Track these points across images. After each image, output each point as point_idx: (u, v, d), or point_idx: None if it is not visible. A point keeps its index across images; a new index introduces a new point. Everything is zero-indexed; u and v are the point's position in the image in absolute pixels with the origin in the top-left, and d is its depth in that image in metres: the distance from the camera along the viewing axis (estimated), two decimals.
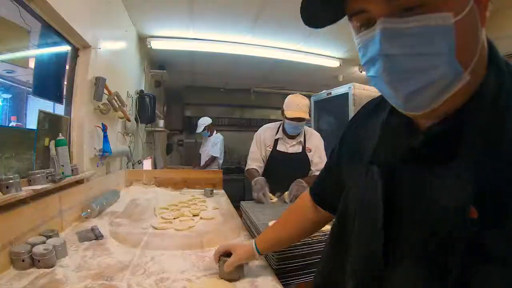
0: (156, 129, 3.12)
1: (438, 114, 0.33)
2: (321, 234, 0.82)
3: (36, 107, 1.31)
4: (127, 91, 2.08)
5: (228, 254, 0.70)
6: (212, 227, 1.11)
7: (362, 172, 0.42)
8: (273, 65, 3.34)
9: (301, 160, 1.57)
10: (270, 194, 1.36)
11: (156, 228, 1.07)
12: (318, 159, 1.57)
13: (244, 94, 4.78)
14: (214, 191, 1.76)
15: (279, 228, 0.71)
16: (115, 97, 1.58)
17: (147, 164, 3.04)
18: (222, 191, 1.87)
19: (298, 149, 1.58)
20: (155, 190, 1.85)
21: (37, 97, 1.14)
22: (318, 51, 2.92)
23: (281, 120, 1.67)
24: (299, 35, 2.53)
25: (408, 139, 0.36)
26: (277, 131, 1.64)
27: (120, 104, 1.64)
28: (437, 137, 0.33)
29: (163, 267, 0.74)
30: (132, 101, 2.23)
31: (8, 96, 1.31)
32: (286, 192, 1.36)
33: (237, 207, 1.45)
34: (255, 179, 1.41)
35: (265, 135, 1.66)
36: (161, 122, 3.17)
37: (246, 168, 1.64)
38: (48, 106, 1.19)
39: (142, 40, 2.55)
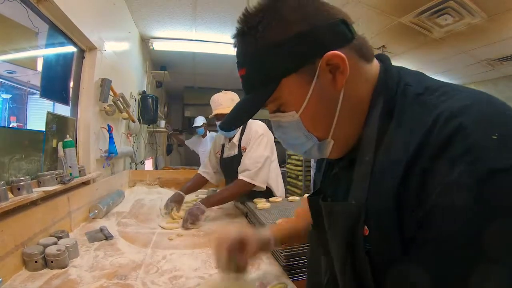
0: (157, 129, 3.12)
1: (341, 154, 0.41)
2: None
3: (36, 108, 1.33)
4: (130, 92, 2.09)
5: (234, 247, 0.68)
6: (218, 226, 1.13)
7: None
8: None
9: (237, 163, 1.33)
10: (174, 213, 1.21)
11: (164, 228, 1.08)
12: (244, 155, 1.32)
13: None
14: (217, 191, 1.77)
15: (292, 221, 0.73)
16: (121, 98, 1.59)
17: (149, 165, 3.04)
18: None
19: (234, 151, 1.40)
20: (158, 190, 1.86)
21: (44, 98, 1.15)
22: None
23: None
24: None
25: (331, 169, 0.47)
26: (222, 137, 1.51)
27: (125, 105, 1.65)
28: (340, 168, 0.43)
29: (175, 265, 0.75)
30: (135, 102, 2.24)
31: (8, 96, 1.31)
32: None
33: (239, 207, 1.46)
34: (176, 191, 1.34)
35: (216, 142, 1.58)
36: (162, 123, 3.18)
37: None
38: (48, 106, 1.20)
39: (144, 41, 2.56)
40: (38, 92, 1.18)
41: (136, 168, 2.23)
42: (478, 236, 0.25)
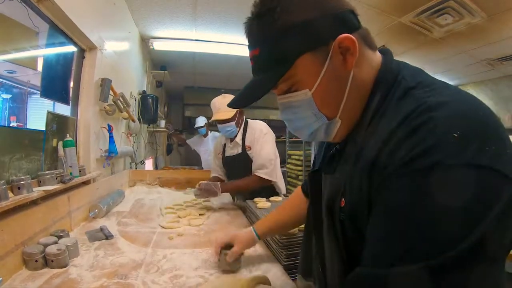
0: (157, 129, 3.12)
1: (345, 137, 0.44)
2: None
3: (36, 108, 1.33)
4: (130, 92, 2.09)
5: (227, 247, 0.73)
6: (219, 226, 1.13)
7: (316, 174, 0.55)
8: None
9: (243, 161, 1.45)
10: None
11: (164, 228, 1.08)
12: (255, 154, 1.43)
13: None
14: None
15: (277, 212, 0.79)
16: (121, 98, 1.59)
17: (149, 164, 3.04)
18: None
19: (238, 150, 1.49)
20: (158, 190, 1.86)
21: (45, 98, 1.15)
22: None
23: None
24: None
25: (330, 149, 0.50)
26: (223, 137, 1.60)
27: (125, 105, 1.65)
28: (338, 151, 0.46)
29: (175, 264, 0.75)
30: (135, 102, 2.24)
31: (9, 96, 1.31)
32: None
33: (240, 206, 1.47)
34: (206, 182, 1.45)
35: (217, 143, 1.67)
36: (162, 123, 3.18)
37: None
38: (48, 106, 1.20)
39: (145, 41, 2.56)
40: (38, 92, 1.18)
41: (136, 168, 2.24)
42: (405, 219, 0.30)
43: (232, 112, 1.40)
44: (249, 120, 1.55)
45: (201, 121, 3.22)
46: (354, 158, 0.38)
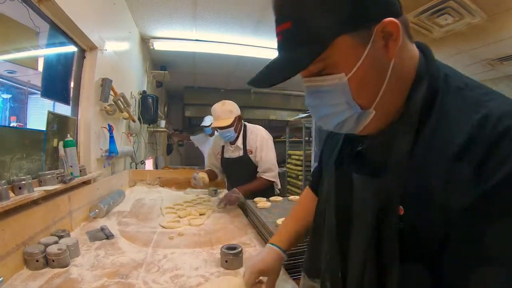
0: (158, 129, 3.13)
1: (378, 129, 0.40)
2: None
3: (36, 108, 1.33)
4: (131, 92, 2.09)
5: (230, 248, 0.75)
6: (219, 226, 1.13)
7: (329, 172, 0.50)
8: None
9: (245, 163, 1.57)
10: (203, 177, 1.51)
11: (164, 227, 1.08)
12: (259, 158, 1.55)
13: (244, 95, 4.78)
14: (218, 190, 1.77)
15: (295, 222, 0.72)
16: (121, 98, 1.59)
17: (149, 164, 3.04)
18: (226, 191, 1.88)
19: (239, 153, 1.59)
20: (159, 190, 1.86)
21: (45, 98, 1.15)
22: None
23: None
24: None
25: (356, 146, 0.45)
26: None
27: (125, 105, 1.65)
28: (371, 148, 0.42)
29: (176, 264, 0.75)
30: (135, 102, 2.24)
31: (9, 96, 1.32)
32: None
33: (240, 206, 1.47)
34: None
35: (215, 143, 1.75)
36: (162, 123, 3.18)
37: None
38: (48, 106, 1.20)
39: (145, 41, 2.56)
40: (38, 92, 1.18)
41: (136, 168, 2.24)
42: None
43: (230, 119, 1.49)
44: (247, 124, 1.65)
45: (208, 120, 3.18)
46: (411, 160, 0.34)
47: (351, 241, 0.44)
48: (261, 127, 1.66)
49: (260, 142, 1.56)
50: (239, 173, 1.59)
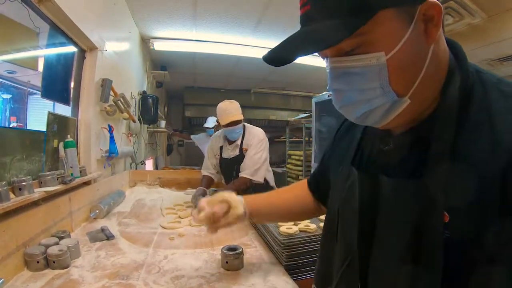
0: (158, 129, 3.12)
1: (405, 124, 0.36)
2: None
3: (36, 108, 1.32)
4: (131, 92, 2.09)
5: (231, 248, 0.75)
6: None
7: (344, 173, 0.45)
8: (273, 66, 3.36)
9: (239, 162, 1.58)
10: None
11: (165, 228, 1.08)
12: (248, 156, 1.55)
13: (244, 95, 4.79)
14: (218, 191, 1.77)
15: (277, 195, 0.69)
16: (121, 99, 1.59)
17: (149, 165, 3.04)
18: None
19: (236, 152, 1.61)
20: (159, 190, 1.86)
21: (45, 99, 1.15)
22: None
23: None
24: None
25: (380, 144, 0.40)
26: (221, 139, 1.71)
27: (125, 106, 1.65)
28: (401, 146, 0.37)
29: (177, 265, 0.75)
30: (135, 102, 2.24)
31: (9, 96, 1.31)
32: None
33: None
34: (198, 187, 1.55)
35: (213, 144, 1.75)
36: (162, 123, 3.18)
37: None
38: (48, 106, 1.20)
39: (145, 41, 2.56)
40: (38, 92, 1.18)
41: (136, 168, 2.24)
42: None
43: (241, 114, 1.55)
44: (246, 125, 1.67)
45: (211, 122, 3.17)
46: (453, 162, 0.30)
47: (374, 250, 0.38)
48: (259, 128, 1.69)
49: (255, 142, 1.59)
50: (235, 173, 1.60)
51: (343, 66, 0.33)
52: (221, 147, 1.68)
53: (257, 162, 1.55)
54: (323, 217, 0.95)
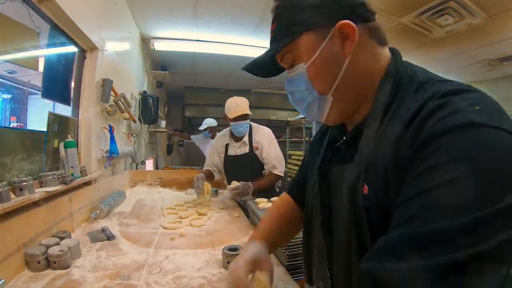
0: (158, 129, 3.12)
1: (345, 120, 0.47)
2: None
3: (36, 108, 1.32)
4: (131, 92, 2.09)
5: (232, 248, 0.74)
6: (221, 226, 1.13)
7: (311, 177, 0.55)
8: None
9: (250, 160, 1.59)
10: (206, 188, 1.48)
11: (166, 228, 1.08)
12: (266, 154, 1.59)
13: (244, 95, 4.77)
14: (219, 191, 1.77)
15: (275, 221, 0.67)
16: (122, 99, 1.59)
17: (149, 165, 3.04)
18: (226, 191, 1.88)
19: (245, 150, 1.61)
20: (159, 190, 1.86)
21: (46, 99, 1.15)
22: None
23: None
24: None
25: (336, 144, 0.50)
26: (226, 137, 1.71)
27: (126, 106, 1.64)
28: (349, 138, 0.47)
29: (178, 265, 0.75)
30: (135, 102, 2.24)
31: (9, 96, 1.31)
32: (233, 185, 1.44)
33: (241, 206, 1.47)
34: (199, 174, 1.59)
35: (218, 143, 1.75)
36: (163, 123, 3.17)
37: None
38: (48, 106, 1.20)
39: (145, 41, 2.56)
40: (38, 92, 1.18)
41: (137, 168, 2.23)
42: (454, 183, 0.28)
43: (249, 110, 1.58)
44: (252, 123, 1.68)
45: (205, 123, 3.16)
46: (373, 145, 0.39)
47: (334, 235, 0.46)
48: (265, 127, 1.72)
49: (268, 139, 1.61)
50: (242, 170, 1.59)
51: (288, 76, 0.46)
52: (227, 145, 1.67)
53: (279, 159, 1.60)
54: None
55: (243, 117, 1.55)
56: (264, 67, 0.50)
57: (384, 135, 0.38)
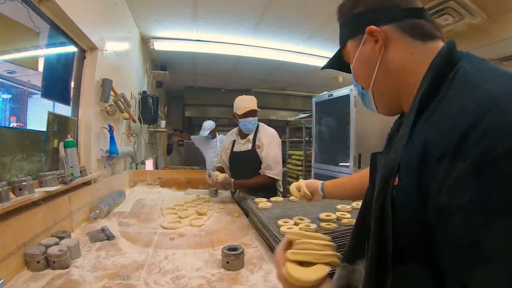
0: (158, 129, 3.12)
1: (393, 112, 0.51)
2: (328, 232, 0.84)
3: (36, 108, 1.32)
4: (131, 92, 2.09)
5: (231, 248, 0.75)
6: (220, 226, 1.13)
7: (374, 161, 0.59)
8: (273, 66, 3.36)
9: (250, 157, 1.62)
10: (216, 173, 1.55)
11: (165, 228, 1.08)
12: (265, 154, 1.59)
13: (244, 95, 4.79)
14: (219, 190, 1.77)
15: (346, 179, 0.90)
16: (121, 99, 1.59)
17: (149, 165, 3.04)
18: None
19: (248, 147, 1.65)
20: (159, 190, 1.86)
21: (46, 98, 1.15)
22: (318, 52, 2.95)
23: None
24: (299, 37, 2.55)
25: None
26: (234, 134, 1.76)
27: (125, 105, 1.64)
28: (396, 129, 0.52)
29: (177, 265, 0.75)
30: (135, 102, 2.24)
31: (9, 96, 1.31)
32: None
33: (241, 206, 1.47)
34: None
35: (227, 140, 1.82)
36: (162, 123, 3.17)
37: None
38: (48, 106, 1.20)
39: (145, 41, 2.56)
40: (38, 92, 1.18)
41: (136, 168, 2.23)
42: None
43: (257, 107, 1.62)
44: (260, 123, 1.72)
45: (207, 128, 3.13)
46: (409, 138, 0.39)
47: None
48: (271, 128, 1.75)
49: (269, 139, 1.63)
50: (243, 167, 1.63)
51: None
52: (234, 141, 1.72)
53: (275, 160, 1.59)
54: (323, 217, 0.95)
55: (251, 113, 1.59)
56: (340, 66, 0.58)
57: (418, 134, 0.38)
